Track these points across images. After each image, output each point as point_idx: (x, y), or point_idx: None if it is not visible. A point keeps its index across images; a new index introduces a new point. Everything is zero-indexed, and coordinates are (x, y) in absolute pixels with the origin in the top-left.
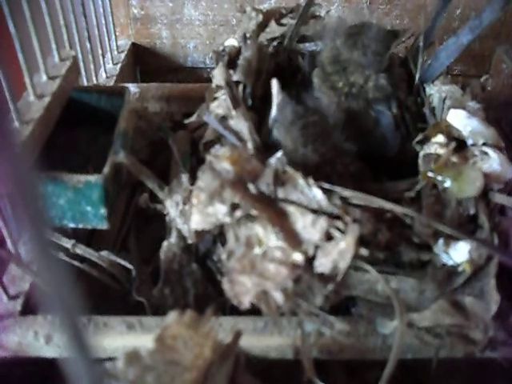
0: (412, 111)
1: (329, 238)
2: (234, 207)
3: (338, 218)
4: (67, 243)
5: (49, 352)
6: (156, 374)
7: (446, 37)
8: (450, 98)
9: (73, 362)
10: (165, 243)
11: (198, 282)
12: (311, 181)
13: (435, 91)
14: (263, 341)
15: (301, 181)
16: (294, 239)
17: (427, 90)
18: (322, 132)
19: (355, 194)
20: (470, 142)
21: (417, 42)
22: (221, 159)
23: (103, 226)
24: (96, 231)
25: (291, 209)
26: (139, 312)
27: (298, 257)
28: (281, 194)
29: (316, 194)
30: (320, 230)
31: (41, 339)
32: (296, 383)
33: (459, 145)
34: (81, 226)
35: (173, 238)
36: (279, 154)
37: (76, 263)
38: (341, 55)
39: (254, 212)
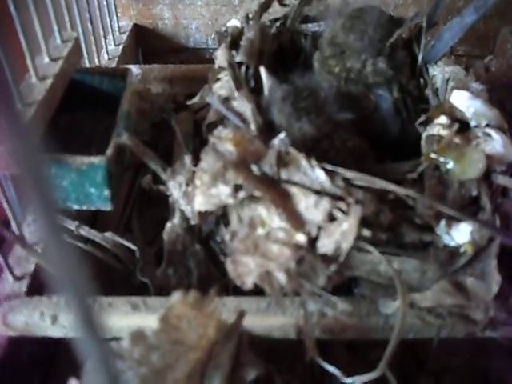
0: (414, 94)
1: (331, 218)
2: (237, 188)
3: (340, 199)
4: (71, 225)
5: (55, 332)
6: (161, 354)
7: (450, 17)
8: (453, 79)
9: (81, 341)
10: (168, 224)
11: (202, 262)
12: (314, 162)
13: (438, 72)
14: (266, 321)
15: (304, 162)
16: (296, 220)
17: (430, 70)
18: (314, 105)
19: (358, 176)
20: (473, 123)
21: (420, 22)
22: (224, 140)
23: (107, 207)
24: (100, 213)
25: (294, 190)
26: (143, 292)
27: (300, 238)
28: (284, 175)
29: (319, 175)
30: (323, 211)
31: (47, 319)
32: (299, 362)
33: (462, 126)
34: (85, 207)
35: (176, 219)
36: (282, 135)
37: (80, 244)
38: (337, 38)
39: (257, 193)
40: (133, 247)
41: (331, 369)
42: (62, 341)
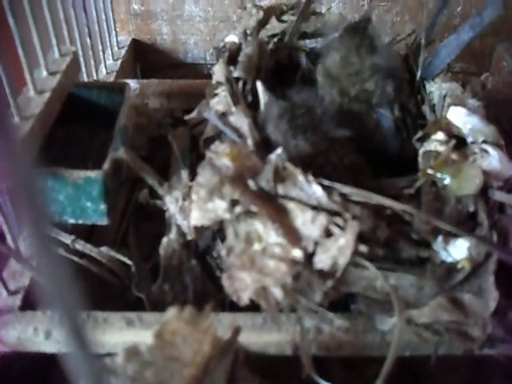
0: (413, 113)
1: (328, 234)
2: (233, 203)
3: (337, 214)
4: (67, 239)
5: (48, 347)
6: (155, 370)
7: (446, 34)
8: (450, 96)
9: (72, 357)
10: (164, 239)
11: (198, 278)
12: (311, 177)
13: (435, 88)
14: (262, 337)
15: (300, 177)
16: (293, 236)
17: (427, 87)
18: (310, 122)
19: (354, 191)
20: (469, 139)
21: (417, 39)
22: (221, 155)
23: (103, 221)
24: (96, 227)
25: (291, 205)
26: (139, 308)
27: (297, 253)
28: (280, 190)
29: (316, 191)
30: (319, 226)
31: (40, 334)
32: (295, 379)
33: (459, 142)
34: (81, 221)
35: (172, 234)
36: (279, 150)
37: (76, 259)
38: (351, 60)
39: (253, 208)
40: (128, 262)
41: None
42: (55, 356)
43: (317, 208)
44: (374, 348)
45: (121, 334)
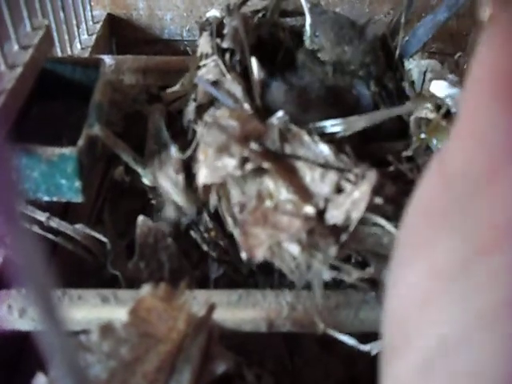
0: (389, 88)
1: (339, 190)
2: (243, 161)
3: (345, 171)
4: (41, 216)
5: (23, 325)
6: (130, 346)
7: (423, 14)
8: (430, 71)
9: (46, 335)
10: (140, 218)
11: (173, 255)
12: (317, 137)
13: (414, 65)
14: (237, 314)
15: (306, 137)
16: (304, 193)
17: (406, 64)
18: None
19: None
20: (453, 110)
21: (395, 18)
22: (223, 118)
23: (78, 199)
24: (71, 204)
25: (299, 164)
26: (114, 285)
27: (309, 209)
28: (287, 149)
29: (323, 150)
30: (329, 183)
31: (15, 313)
32: (270, 356)
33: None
34: (55, 199)
35: (169, 211)
36: (280, 113)
37: (50, 236)
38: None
39: (265, 165)
40: (104, 239)
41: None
42: (30, 335)
43: (325, 166)
44: (347, 325)
45: (96, 311)
